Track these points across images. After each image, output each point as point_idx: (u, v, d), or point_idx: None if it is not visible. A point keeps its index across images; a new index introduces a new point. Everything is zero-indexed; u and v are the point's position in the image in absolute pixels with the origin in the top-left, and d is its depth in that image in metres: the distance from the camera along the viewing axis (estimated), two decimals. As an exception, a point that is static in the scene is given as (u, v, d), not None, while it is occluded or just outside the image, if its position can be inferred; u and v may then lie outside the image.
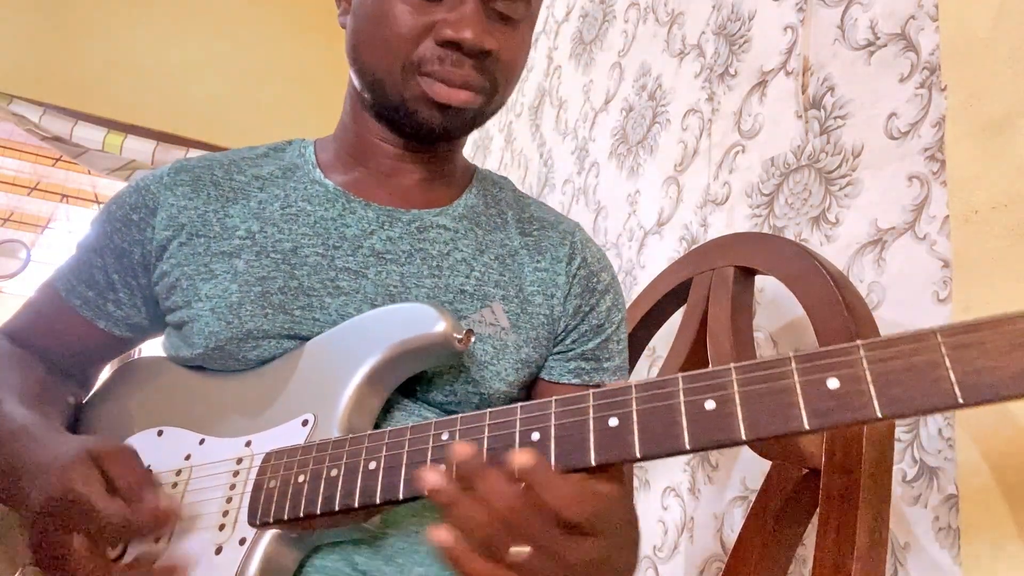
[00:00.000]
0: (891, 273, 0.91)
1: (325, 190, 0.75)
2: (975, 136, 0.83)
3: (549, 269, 0.77)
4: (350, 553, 0.62)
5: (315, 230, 0.72)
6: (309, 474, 0.56)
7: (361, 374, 0.63)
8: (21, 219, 3.75)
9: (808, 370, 0.41)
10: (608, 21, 1.74)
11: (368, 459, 0.54)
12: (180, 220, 0.74)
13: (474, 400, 0.69)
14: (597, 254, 0.82)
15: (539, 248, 0.78)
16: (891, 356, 0.39)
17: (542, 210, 0.84)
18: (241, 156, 0.80)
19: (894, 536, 0.83)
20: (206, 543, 0.60)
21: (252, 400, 0.67)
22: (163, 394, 0.73)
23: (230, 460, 0.63)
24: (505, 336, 0.71)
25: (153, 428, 0.70)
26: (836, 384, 0.40)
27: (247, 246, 0.71)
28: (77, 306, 0.77)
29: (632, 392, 0.46)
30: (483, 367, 0.69)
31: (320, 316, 0.68)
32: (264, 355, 0.68)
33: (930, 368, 0.38)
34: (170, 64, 2.77)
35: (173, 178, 0.76)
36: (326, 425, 0.61)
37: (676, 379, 0.45)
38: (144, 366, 0.78)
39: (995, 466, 0.74)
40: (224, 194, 0.75)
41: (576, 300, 0.77)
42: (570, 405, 0.48)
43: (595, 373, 0.77)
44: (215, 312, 0.68)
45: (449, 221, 0.75)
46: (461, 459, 0.47)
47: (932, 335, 0.39)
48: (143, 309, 0.78)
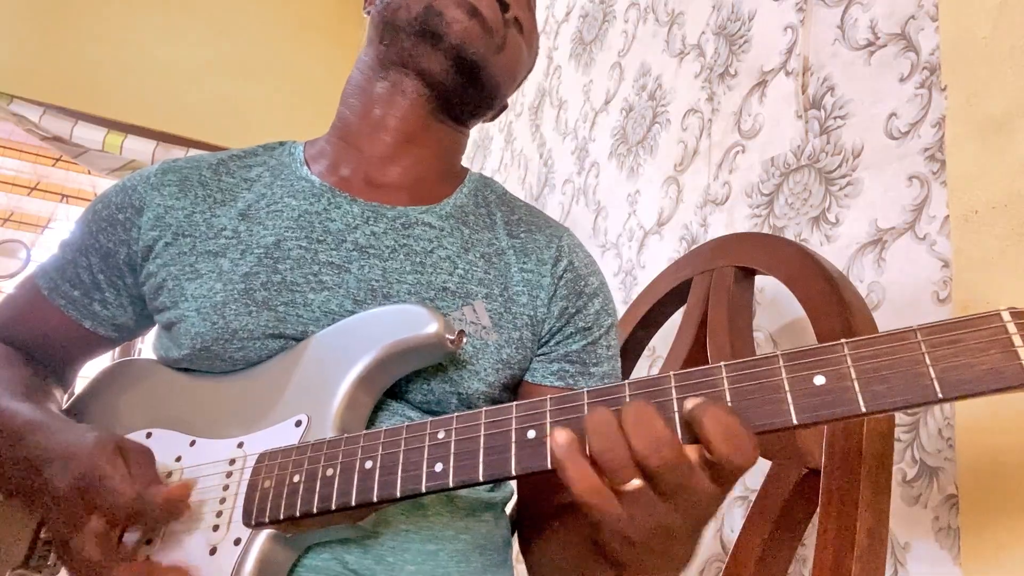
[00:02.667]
0: (891, 273, 0.91)
1: (311, 185, 0.75)
2: (975, 136, 0.83)
3: (534, 271, 0.76)
4: (341, 552, 0.62)
5: (299, 223, 0.72)
6: (304, 474, 0.56)
7: (354, 375, 0.62)
8: (21, 219, 3.75)
9: (795, 367, 0.43)
10: (608, 21, 1.74)
11: (364, 458, 0.54)
12: (167, 220, 0.74)
13: (452, 400, 0.68)
14: (585, 259, 0.80)
15: (525, 250, 0.77)
16: (874, 354, 0.42)
17: (532, 214, 0.83)
18: (230, 156, 0.80)
19: (894, 536, 0.83)
20: (200, 544, 0.60)
21: (243, 401, 0.67)
22: (152, 396, 0.73)
23: (222, 461, 0.63)
24: (486, 335, 0.70)
25: (142, 430, 0.69)
26: (822, 380, 0.42)
27: (232, 245, 0.71)
28: (62, 306, 0.77)
29: (626, 391, 0.46)
30: (461, 366, 0.68)
31: (304, 312, 0.68)
32: (250, 356, 0.68)
33: (911, 365, 0.41)
34: (170, 64, 2.77)
35: (160, 178, 0.76)
36: (320, 426, 0.61)
37: (668, 377, 0.46)
38: (133, 368, 0.78)
39: (995, 466, 0.74)
40: (211, 195, 0.75)
41: (562, 302, 0.75)
42: (565, 403, 0.48)
43: (580, 377, 0.75)
44: (200, 312, 0.68)
45: (435, 219, 0.75)
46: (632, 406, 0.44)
47: (912, 333, 0.41)
48: (129, 309, 0.78)
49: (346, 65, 3.45)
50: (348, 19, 3.12)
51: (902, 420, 0.84)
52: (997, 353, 0.39)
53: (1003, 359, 0.39)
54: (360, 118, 0.77)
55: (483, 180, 0.85)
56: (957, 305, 0.81)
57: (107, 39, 2.70)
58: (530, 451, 0.48)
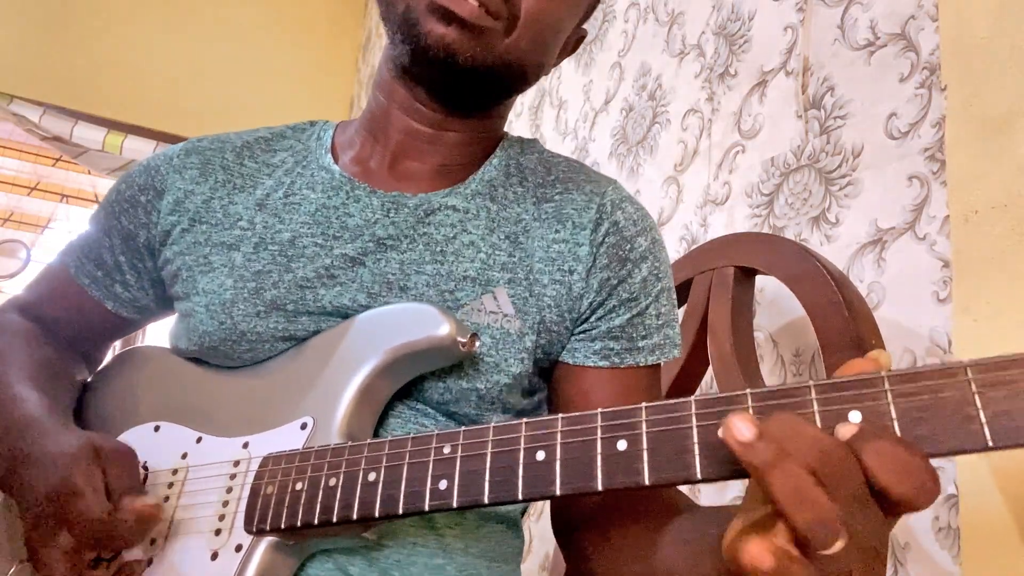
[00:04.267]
0: (891, 273, 0.91)
1: (331, 176, 0.71)
2: (975, 136, 0.83)
3: (569, 240, 0.68)
4: (344, 564, 0.60)
5: (315, 219, 0.69)
6: (307, 482, 0.55)
7: (360, 378, 0.61)
8: (21, 219, 3.75)
9: (829, 400, 0.38)
10: (608, 21, 1.74)
11: (368, 470, 0.53)
12: (185, 205, 0.72)
13: (471, 397, 0.64)
14: (633, 215, 0.71)
15: (560, 216, 0.70)
16: (917, 391, 0.36)
17: (572, 170, 0.74)
18: (256, 138, 0.77)
19: (894, 536, 0.83)
20: (202, 548, 0.59)
21: (251, 399, 0.66)
22: (162, 386, 0.72)
23: (227, 462, 0.62)
24: (508, 324, 0.65)
25: (151, 423, 0.69)
26: (858, 418, 0.37)
27: (247, 237, 0.70)
28: (86, 285, 0.76)
29: (642, 415, 0.44)
30: (479, 360, 0.64)
31: (313, 308, 0.66)
32: (259, 357, 0.67)
33: (959, 407, 0.35)
34: (170, 64, 2.77)
35: (183, 160, 0.74)
36: (325, 429, 0.60)
37: (689, 403, 0.42)
38: (144, 355, 0.77)
39: (995, 466, 0.74)
40: (232, 179, 0.73)
41: (603, 273, 0.68)
42: (576, 425, 0.46)
43: (626, 354, 0.67)
44: (209, 310, 0.67)
45: (460, 201, 0.70)
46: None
47: (962, 370, 0.36)
48: (151, 292, 0.77)
49: (346, 65, 3.46)
50: (348, 19, 3.12)
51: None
52: None
53: None
54: (383, 113, 0.73)
55: (521, 144, 0.77)
56: (957, 305, 0.81)
57: (107, 39, 2.70)
58: (537, 475, 0.46)
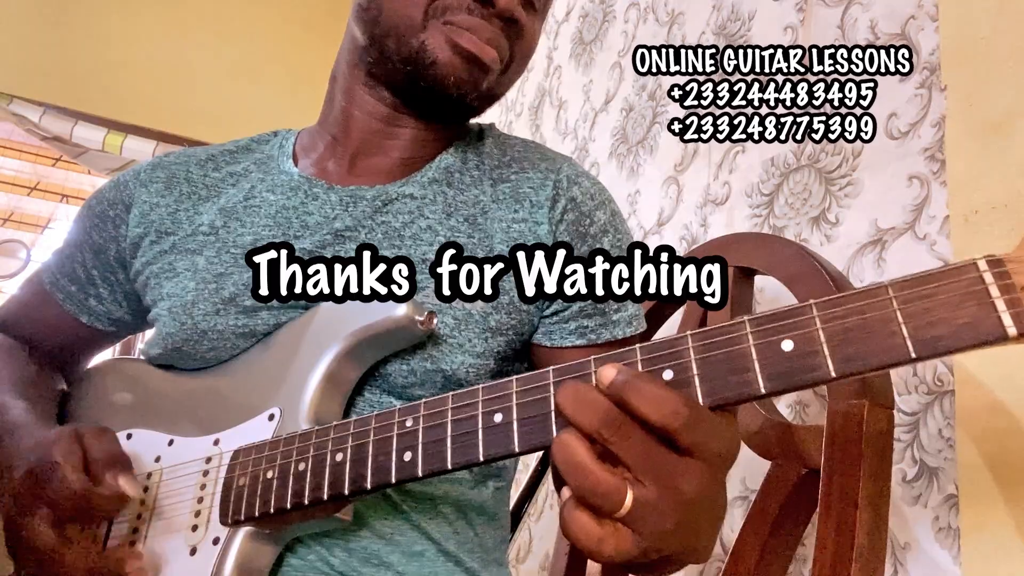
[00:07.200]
0: (891, 273, 0.91)
1: (290, 178, 0.73)
2: (975, 136, 0.82)
3: (528, 219, 0.69)
4: (326, 555, 0.61)
5: (276, 220, 0.70)
6: (277, 469, 0.56)
7: (324, 364, 0.62)
8: (21, 219, 3.75)
9: (762, 333, 0.40)
10: (608, 21, 1.74)
11: (335, 451, 0.54)
12: (151, 217, 0.74)
13: (437, 378, 0.65)
14: (591, 190, 0.72)
15: (516, 195, 0.71)
16: (844, 314, 0.39)
17: (527, 149, 0.76)
18: (221, 151, 0.79)
19: (894, 536, 0.83)
20: (180, 545, 0.60)
21: (219, 397, 0.67)
22: (133, 396, 0.74)
23: (199, 460, 0.63)
24: (469, 304, 0.66)
25: (122, 432, 0.69)
26: (791, 346, 0.40)
27: (210, 242, 0.71)
28: (60, 300, 0.77)
29: (591, 366, 0.44)
30: (441, 341, 0.64)
31: (275, 304, 0.66)
32: (223, 356, 0.68)
33: (883, 324, 0.38)
34: (170, 64, 2.77)
35: (149, 175, 0.76)
36: (292, 418, 0.61)
37: (634, 350, 0.43)
38: (113, 367, 0.79)
39: (995, 466, 0.74)
40: (196, 191, 0.75)
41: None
42: (530, 384, 0.46)
43: (602, 330, 0.69)
44: (171, 312, 0.68)
45: (416, 189, 0.71)
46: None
47: (884, 289, 0.38)
48: (124, 304, 0.78)
49: (346, 65, 3.45)
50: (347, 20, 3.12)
51: (902, 420, 0.84)
52: (973, 306, 0.36)
53: (979, 312, 0.36)
54: (343, 114, 0.74)
55: (480, 131, 0.78)
56: (957, 305, 0.81)
57: (107, 39, 2.70)
58: (497, 436, 0.46)
